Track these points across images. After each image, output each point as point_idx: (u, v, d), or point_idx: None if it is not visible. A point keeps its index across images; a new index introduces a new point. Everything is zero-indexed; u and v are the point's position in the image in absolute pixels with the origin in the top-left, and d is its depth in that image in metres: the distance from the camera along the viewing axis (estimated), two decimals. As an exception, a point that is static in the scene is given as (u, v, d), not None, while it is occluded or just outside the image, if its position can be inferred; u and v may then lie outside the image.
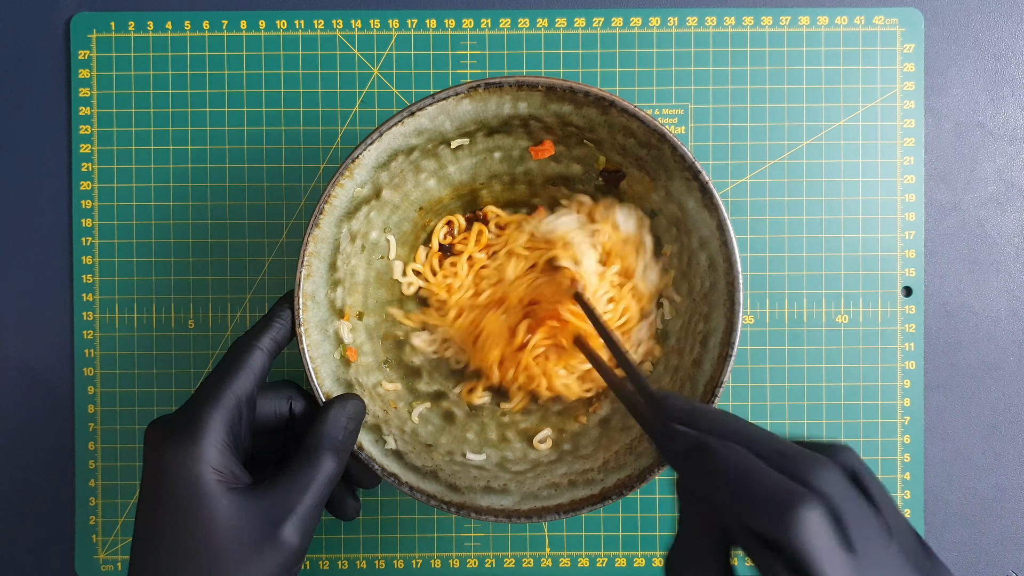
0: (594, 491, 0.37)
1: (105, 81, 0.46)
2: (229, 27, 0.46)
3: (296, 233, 0.46)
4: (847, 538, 0.23)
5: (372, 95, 0.46)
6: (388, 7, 0.46)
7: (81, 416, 0.45)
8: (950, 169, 0.46)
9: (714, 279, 0.37)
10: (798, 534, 0.23)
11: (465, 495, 0.37)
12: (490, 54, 0.46)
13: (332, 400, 0.36)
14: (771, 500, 0.24)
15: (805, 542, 0.23)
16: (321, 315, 0.38)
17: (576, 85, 0.36)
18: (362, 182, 0.38)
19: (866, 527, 0.24)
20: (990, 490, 0.46)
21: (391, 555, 0.46)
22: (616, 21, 0.46)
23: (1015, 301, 0.46)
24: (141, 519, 0.31)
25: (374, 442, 0.38)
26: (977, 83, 0.46)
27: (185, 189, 0.46)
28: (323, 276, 0.38)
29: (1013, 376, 0.46)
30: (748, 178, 0.46)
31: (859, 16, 0.46)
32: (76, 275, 0.46)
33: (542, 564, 0.46)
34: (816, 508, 0.23)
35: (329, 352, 0.39)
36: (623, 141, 0.38)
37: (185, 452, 0.30)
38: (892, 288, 0.46)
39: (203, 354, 0.46)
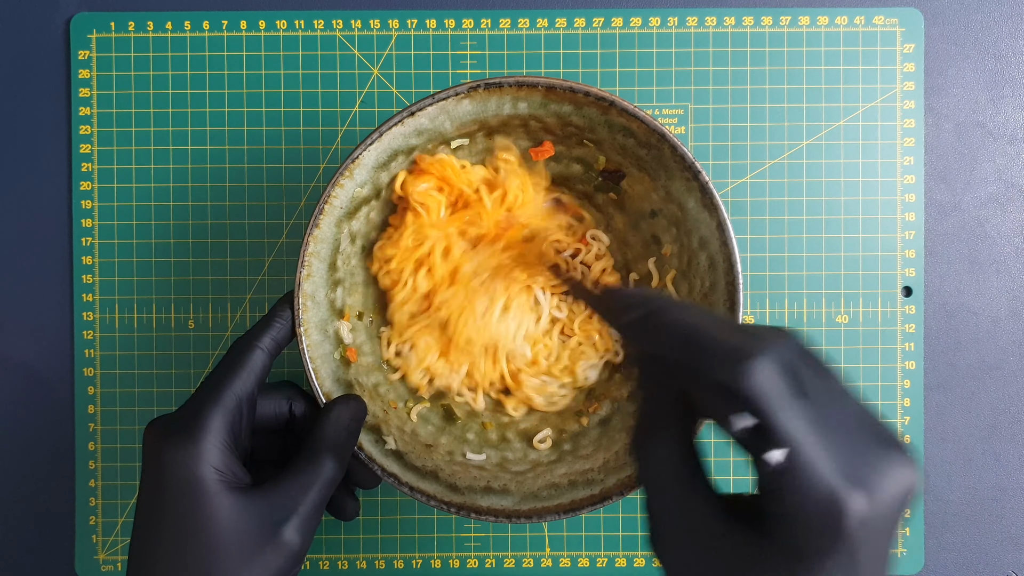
0: (594, 491, 0.37)
1: (105, 81, 0.46)
2: (229, 27, 0.46)
3: (296, 233, 0.46)
4: (801, 386, 0.24)
5: (372, 95, 0.46)
6: (388, 7, 0.46)
7: (81, 416, 0.45)
8: (950, 169, 0.46)
9: (714, 279, 0.37)
10: (752, 379, 0.23)
11: (465, 495, 0.37)
12: (490, 54, 0.46)
13: (333, 401, 0.36)
14: (725, 350, 0.24)
15: (759, 386, 0.23)
16: (321, 315, 0.38)
17: (576, 85, 0.36)
18: (362, 182, 0.38)
19: (821, 385, 0.24)
20: (990, 490, 0.46)
21: (391, 555, 0.46)
22: (616, 21, 0.46)
23: (1015, 301, 0.46)
24: (141, 519, 0.31)
25: (374, 442, 0.38)
26: (977, 83, 0.46)
27: (185, 189, 0.46)
28: (323, 276, 0.38)
29: (1013, 376, 0.46)
30: (748, 178, 0.46)
31: (859, 16, 0.46)
32: (76, 275, 0.46)
33: (542, 564, 0.46)
34: (769, 357, 0.23)
35: (329, 352, 0.39)
36: (623, 141, 0.38)
37: (186, 451, 0.30)
38: (892, 288, 0.46)
39: (203, 354, 0.46)
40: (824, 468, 0.22)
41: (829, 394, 0.24)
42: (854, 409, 0.24)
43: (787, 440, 0.23)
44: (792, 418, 0.23)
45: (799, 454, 0.23)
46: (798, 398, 0.23)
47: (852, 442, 0.23)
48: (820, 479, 0.22)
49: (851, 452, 0.23)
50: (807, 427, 0.23)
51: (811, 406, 0.23)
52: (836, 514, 0.22)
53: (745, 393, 0.23)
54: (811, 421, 0.23)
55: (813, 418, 0.23)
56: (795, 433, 0.23)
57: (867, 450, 0.23)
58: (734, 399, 0.23)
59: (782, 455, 0.23)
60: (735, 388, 0.23)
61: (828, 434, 0.23)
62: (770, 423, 0.23)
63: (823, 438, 0.23)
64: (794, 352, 0.24)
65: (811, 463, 0.22)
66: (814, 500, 0.22)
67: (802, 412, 0.23)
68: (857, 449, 0.23)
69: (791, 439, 0.23)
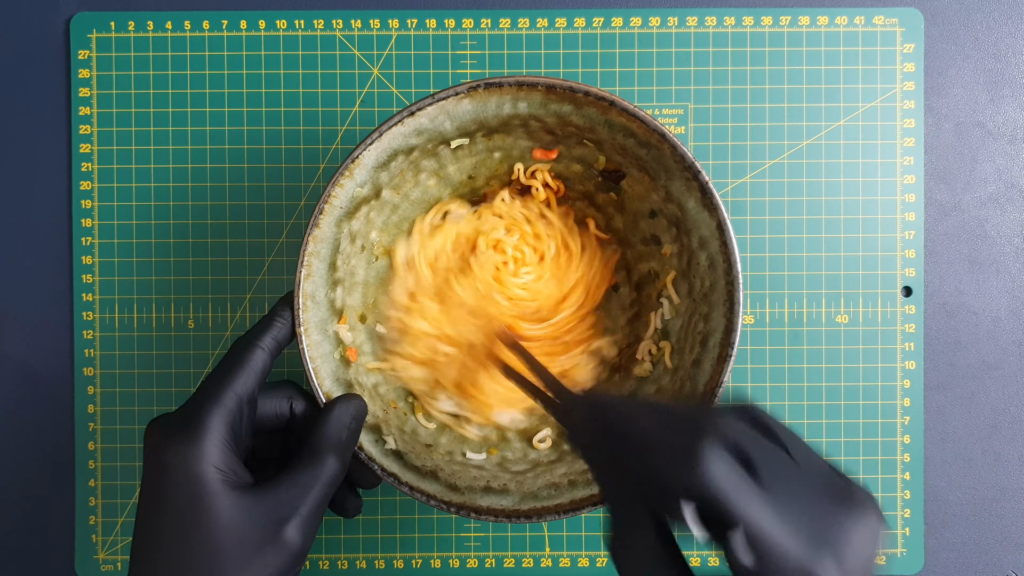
0: (594, 491, 0.37)
1: (105, 81, 0.46)
2: (229, 27, 0.46)
3: (296, 233, 0.46)
4: (753, 470, 0.24)
5: (372, 95, 0.46)
6: (388, 7, 0.46)
7: (81, 416, 0.45)
8: (950, 169, 0.46)
9: (714, 279, 0.37)
10: (703, 476, 0.23)
11: (465, 495, 0.37)
12: (490, 54, 0.46)
13: (334, 400, 0.36)
14: (672, 451, 0.24)
15: (711, 480, 0.23)
16: (321, 315, 0.38)
17: (576, 85, 0.36)
18: (362, 182, 0.38)
19: (771, 459, 0.24)
20: (990, 490, 0.46)
21: (391, 555, 0.46)
22: (616, 21, 0.46)
23: (1015, 301, 0.46)
24: (141, 518, 0.31)
25: (374, 442, 0.38)
26: (977, 83, 0.46)
27: (185, 189, 0.46)
28: (323, 276, 0.38)
29: (1013, 376, 0.46)
30: (748, 178, 0.46)
31: (859, 16, 0.46)
32: (76, 275, 0.46)
33: (542, 564, 0.46)
34: (716, 449, 0.24)
35: (329, 352, 0.39)
36: (623, 141, 0.38)
37: (187, 450, 0.30)
38: (892, 288, 0.46)
39: (203, 354, 0.46)
40: (788, 545, 0.23)
41: (783, 467, 0.24)
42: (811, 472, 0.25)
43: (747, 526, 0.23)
44: (751, 505, 0.23)
45: (762, 537, 0.23)
46: (751, 481, 0.24)
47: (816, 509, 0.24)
48: (788, 557, 0.23)
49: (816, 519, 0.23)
50: (768, 510, 0.23)
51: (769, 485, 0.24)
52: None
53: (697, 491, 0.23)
54: (771, 502, 0.23)
55: (773, 498, 0.24)
56: (754, 518, 0.23)
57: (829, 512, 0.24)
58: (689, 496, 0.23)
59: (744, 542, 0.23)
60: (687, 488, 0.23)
61: (790, 509, 0.23)
62: (728, 514, 0.23)
63: (786, 515, 0.23)
64: (743, 427, 0.25)
65: (775, 543, 0.23)
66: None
67: (760, 495, 0.23)
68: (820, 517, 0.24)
69: (751, 524, 0.23)
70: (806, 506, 0.24)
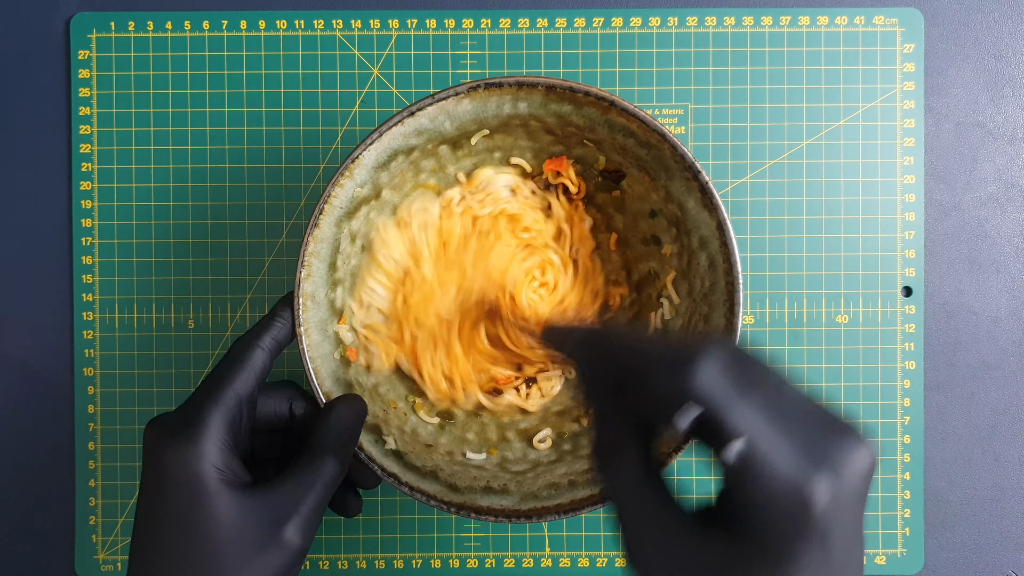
0: (594, 491, 0.37)
1: (105, 81, 0.46)
2: (229, 27, 0.46)
3: (296, 233, 0.46)
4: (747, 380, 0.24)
5: (372, 95, 0.46)
6: (388, 7, 0.46)
7: (81, 416, 0.45)
8: (950, 169, 0.46)
9: (714, 279, 0.37)
10: (697, 380, 0.23)
11: (465, 495, 0.37)
12: (490, 54, 0.46)
13: (334, 400, 0.36)
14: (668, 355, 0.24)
15: (705, 385, 0.23)
16: (321, 315, 0.38)
17: (576, 85, 0.36)
18: (362, 182, 0.38)
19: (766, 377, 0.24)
20: (990, 490, 0.46)
21: (391, 555, 0.46)
22: (616, 21, 0.46)
23: (1015, 301, 0.46)
24: (141, 517, 0.31)
25: (374, 442, 0.38)
26: (977, 83, 0.46)
27: (185, 189, 0.46)
28: (323, 276, 0.38)
29: (1013, 376, 0.46)
30: (748, 178, 0.46)
31: (859, 16, 0.46)
32: (76, 275, 0.46)
33: (542, 564, 0.46)
34: (712, 356, 0.24)
35: (329, 352, 0.39)
36: (623, 141, 0.38)
37: (186, 450, 0.30)
38: (892, 288, 0.46)
39: (203, 354, 0.46)
40: (783, 455, 0.23)
41: (776, 387, 0.24)
42: (803, 399, 0.25)
43: (742, 433, 0.23)
44: (744, 412, 0.23)
45: (756, 445, 0.23)
46: (746, 392, 0.24)
47: (806, 428, 0.23)
48: (781, 466, 0.22)
49: (807, 437, 0.23)
50: (759, 418, 0.23)
51: (760, 398, 0.24)
52: (802, 498, 0.22)
53: (692, 393, 0.23)
54: (762, 412, 0.23)
55: (764, 409, 0.23)
56: (749, 425, 0.23)
57: (822, 434, 0.23)
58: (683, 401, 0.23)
59: (740, 444, 0.23)
60: (683, 390, 0.23)
61: (781, 422, 0.23)
62: (722, 419, 0.23)
63: (777, 426, 0.23)
64: (734, 351, 0.25)
65: (769, 452, 0.23)
66: (779, 488, 0.22)
67: (752, 404, 0.23)
68: (812, 434, 0.23)
69: (746, 431, 0.23)
70: (800, 425, 0.23)
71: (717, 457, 0.23)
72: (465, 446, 0.41)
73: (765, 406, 0.23)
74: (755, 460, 0.23)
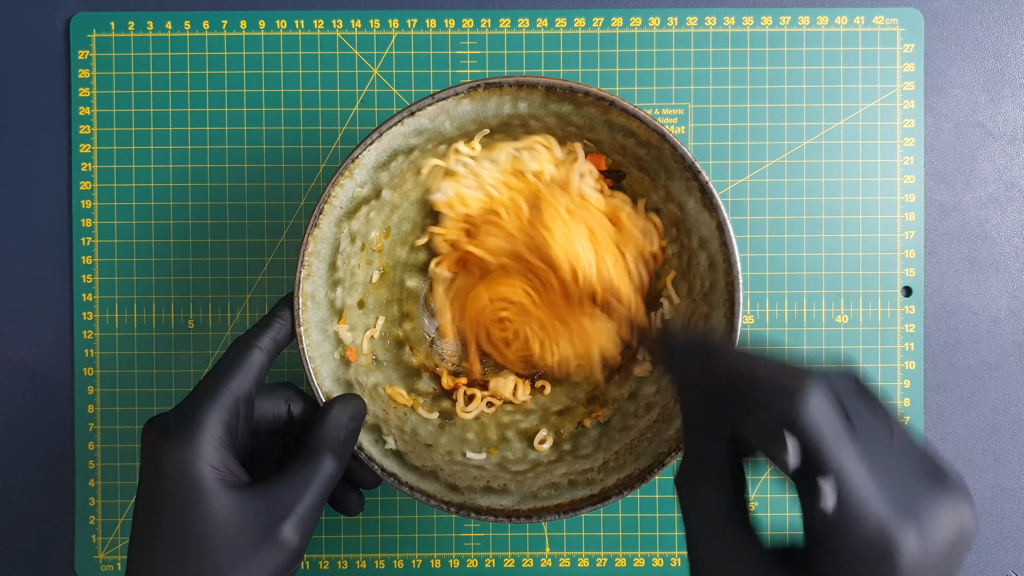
0: (594, 491, 0.37)
1: (105, 81, 0.46)
2: (229, 27, 0.46)
3: (296, 233, 0.46)
4: (851, 424, 0.23)
5: (372, 95, 0.46)
6: (388, 7, 0.46)
7: (81, 416, 0.45)
8: (950, 169, 0.46)
9: (714, 279, 0.37)
10: (805, 409, 0.23)
11: (465, 495, 0.37)
12: (490, 54, 0.46)
13: (333, 400, 0.36)
14: (777, 382, 0.24)
15: (812, 416, 0.22)
16: (321, 315, 0.38)
17: (576, 85, 0.36)
18: (362, 182, 0.38)
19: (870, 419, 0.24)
20: (990, 490, 0.46)
21: (391, 555, 0.46)
22: (616, 21, 0.46)
23: (1015, 301, 0.46)
24: (139, 517, 0.31)
25: (374, 442, 0.38)
26: (977, 83, 0.46)
27: (185, 189, 0.46)
28: (323, 276, 0.38)
29: (1013, 376, 0.46)
30: (748, 178, 0.46)
31: (859, 16, 0.46)
32: (76, 275, 0.46)
33: (542, 564, 0.46)
34: (821, 388, 0.23)
35: (329, 352, 0.39)
36: (623, 141, 0.38)
37: (183, 449, 0.30)
38: (892, 288, 0.46)
39: (203, 354, 0.46)
40: (875, 502, 0.22)
41: (881, 428, 0.24)
42: (907, 444, 0.24)
43: (838, 472, 0.22)
44: (844, 450, 0.22)
45: (849, 487, 0.22)
46: (850, 430, 0.23)
47: (904, 477, 0.23)
48: (871, 514, 0.22)
49: (903, 486, 0.22)
50: (858, 460, 0.22)
51: (862, 439, 0.23)
52: (888, 551, 0.21)
53: (798, 424, 0.22)
54: (864, 454, 0.22)
55: (866, 451, 0.23)
56: (846, 465, 0.22)
57: (920, 485, 0.23)
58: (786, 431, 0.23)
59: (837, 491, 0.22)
60: (788, 419, 0.23)
61: (879, 467, 0.22)
62: (822, 455, 0.22)
63: (874, 471, 0.22)
64: (846, 384, 0.24)
65: (862, 497, 0.22)
66: (866, 536, 0.21)
67: (854, 445, 0.23)
68: (909, 484, 0.23)
69: (842, 471, 0.22)
70: (899, 472, 0.23)
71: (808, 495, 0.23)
72: (465, 446, 0.41)
73: (868, 448, 0.23)
74: (849, 507, 0.22)
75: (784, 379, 0.24)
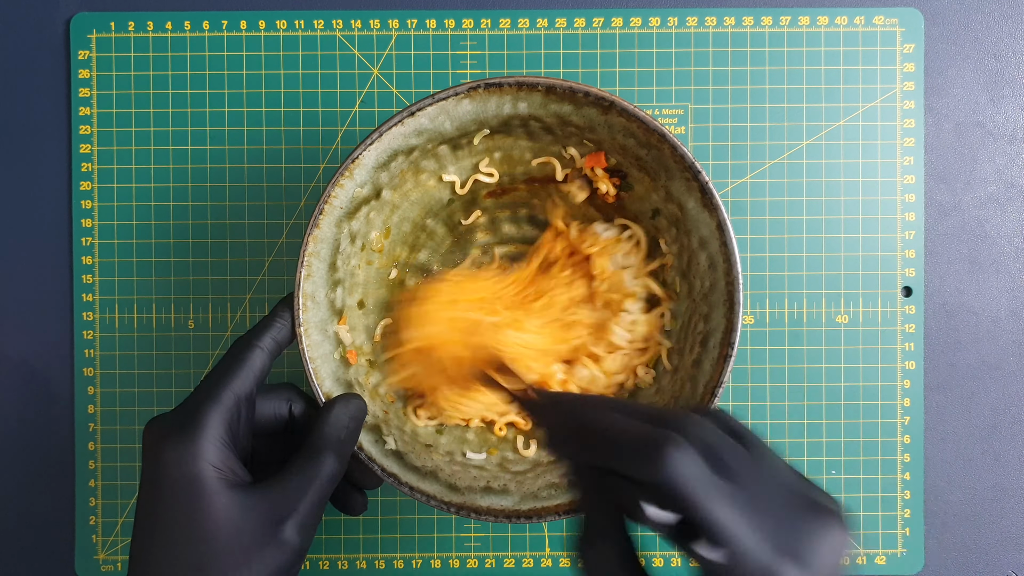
0: (594, 491, 0.37)
1: (105, 81, 0.46)
2: (229, 27, 0.46)
3: (296, 233, 0.46)
4: (720, 470, 0.24)
5: (372, 95, 0.46)
6: (388, 7, 0.46)
7: (81, 416, 0.45)
8: (950, 169, 0.46)
9: (714, 279, 0.37)
10: (668, 469, 0.23)
11: (465, 495, 0.37)
12: (490, 54, 0.46)
13: (333, 400, 0.36)
14: (638, 444, 0.24)
15: (677, 475, 0.23)
16: (321, 315, 0.38)
17: (576, 85, 0.36)
18: (362, 182, 0.38)
19: (738, 461, 0.24)
20: (990, 490, 0.46)
21: (391, 555, 0.46)
22: (616, 21, 0.46)
23: (1015, 301, 0.46)
24: (140, 517, 0.31)
25: (374, 442, 0.38)
26: (977, 83, 0.46)
27: (185, 189, 0.46)
28: (323, 276, 0.38)
29: (1013, 376, 0.46)
30: (748, 178, 0.46)
31: (859, 16, 0.46)
32: (76, 275, 0.46)
33: (542, 564, 0.46)
34: (684, 445, 0.23)
35: (329, 352, 0.39)
36: (623, 141, 0.38)
37: (183, 449, 0.30)
38: (892, 288, 0.46)
39: (203, 354, 0.46)
40: (757, 550, 0.23)
41: (751, 469, 0.24)
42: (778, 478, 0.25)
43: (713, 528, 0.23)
44: (716, 505, 0.23)
45: (728, 538, 0.23)
46: (719, 482, 0.23)
47: (782, 515, 0.23)
48: (752, 560, 0.23)
49: (782, 526, 0.23)
50: (732, 510, 0.23)
51: (734, 488, 0.23)
52: None
53: (665, 485, 0.23)
54: (736, 504, 0.23)
55: (738, 500, 0.23)
56: (721, 519, 0.23)
57: (796, 520, 0.24)
58: (643, 503, 0.23)
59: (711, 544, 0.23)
60: (653, 482, 0.23)
61: (757, 514, 0.23)
62: (696, 512, 0.23)
63: (753, 519, 0.23)
64: (709, 431, 0.24)
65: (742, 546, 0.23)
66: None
67: (727, 496, 0.23)
68: (788, 522, 0.23)
69: (717, 526, 0.23)
70: (772, 509, 0.24)
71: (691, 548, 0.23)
72: (465, 446, 0.41)
73: (740, 496, 0.23)
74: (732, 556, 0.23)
75: (643, 439, 0.24)
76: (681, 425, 0.24)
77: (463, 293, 0.41)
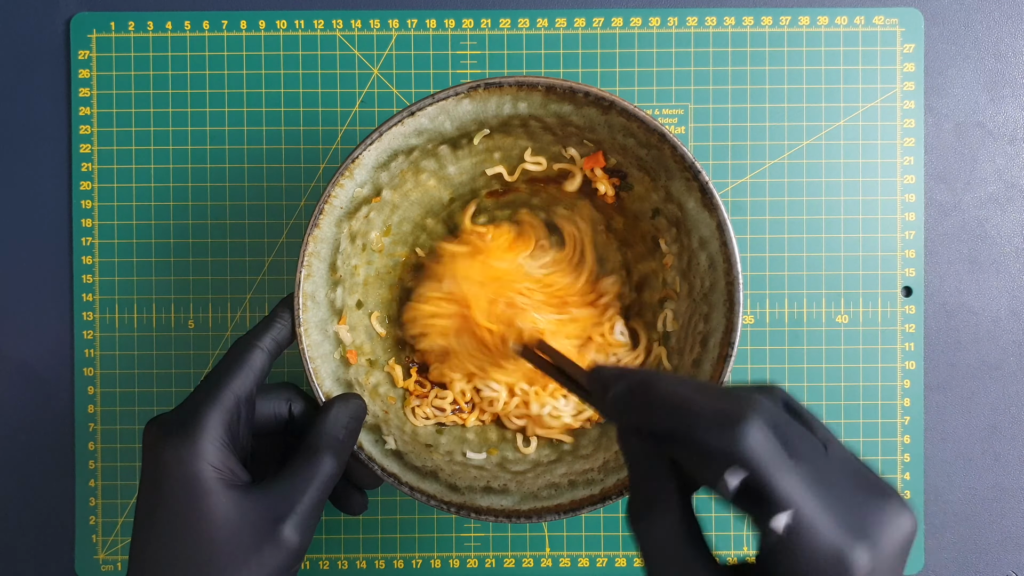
0: (594, 491, 0.37)
1: (105, 81, 0.46)
2: (229, 27, 0.46)
3: (296, 233, 0.46)
4: (791, 444, 0.24)
5: (372, 95, 0.46)
6: (388, 7, 0.46)
7: (81, 416, 0.45)
8: (950, 169, 0.46)
9: (714, 279, 0.37)
10: (745, 443, 0.23)
11: (465, 495, 0.37)
12: (490, 54, 0.46)
13: (333, 399, 0.36)
14: (715, 415, 0.24)
15: (753, 449, 0.23)
16: (321, 315, 0.38)
17: (576, 85, 0.36)
18: (362, 182, 0.38)
19: (806, 441, 0.24)
20: (990, 490, 0.46)
21: (391, 555, 0.46)
22: (616, 21, 0.46)
23: (1015, 301, 0.46)
24: (140, 517, 0.31)
25: (374, 442, 0.38)
26: (977, 83, 0.46)
27: (185, 189, 0.46)
28: (323, 276, 0.38)
29: (1013, 376, 0.46)
30: (748, 178, 0.46)
31: (859, 16, 0.46)
32: (76, 275, 0.46)
33: (542, 564, 0.46)
34: (759, 418, 0.24)
35: (329, 352, 0.39)
36: (623, 141, 0.38)
37: (183, 449, 0.30)
38: (892, 288, 0.46)
39: (203, 354, 0.46)
40: (826, 526, 0.23)
41: (819, 449, 0.24)
42: (845, 461, 0.25)
43: (787, 502, 0.23)
44: (789, 479, 0.23)
45: (801, 515, 0.23)
46: (792, 458, 0.24)
47: (849, 496, 0.24)
48: (824, 538, 0.23)
49: (850, 506, 0.23)
50: (805, 487, 0.23)
51: (805, 464, 0.24)
52: (843, 569, 0.22)
53: (739, 456, 0.23)
54: (808, 480, 0.23)
55: (809, 476, 0.23)
56: (794, 494, 0.23)
57: (865, 502, 0.24)
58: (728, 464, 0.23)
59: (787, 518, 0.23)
60: (729, 452, 0.23)
61: (826, 491, 0.23)
62: (768, 485, 0.23)
63: (822, 496, 0.23)
64: (780, 410, 0.25)
65: (813, 523, 0.23)
66: (820, 559, 0.22)
67: (798, 472, 0.23)
68: (855, 503, 0.23)
69: (791, 501, 0.23)
70: (844, 493, 0.24)
71: (759, 522, 0.23)
72: (465, 446, 0.41)
73: (811, 473, 0.23)
74: (800, 530, 0.23)
75: (721, 411, 0.24)
76: (752, 401, 0.24)
77: (494, 257, 0.42)
